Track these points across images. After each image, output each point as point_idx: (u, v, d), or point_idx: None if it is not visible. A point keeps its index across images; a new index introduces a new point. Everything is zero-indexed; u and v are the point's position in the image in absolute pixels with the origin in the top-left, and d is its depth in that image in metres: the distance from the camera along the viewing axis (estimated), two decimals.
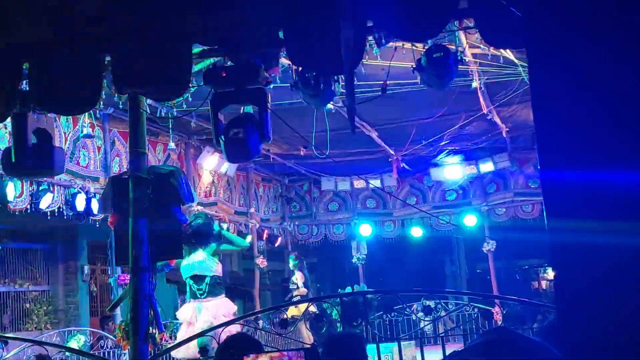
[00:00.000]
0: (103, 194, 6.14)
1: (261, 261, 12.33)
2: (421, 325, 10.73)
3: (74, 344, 8.94)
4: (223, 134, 4.78)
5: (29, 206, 7.59)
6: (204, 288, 7.49)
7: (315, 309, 10.09)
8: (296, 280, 11.53)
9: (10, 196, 7.22)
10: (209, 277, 7.55)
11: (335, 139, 8.11)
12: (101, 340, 9.25)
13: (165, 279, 14.25)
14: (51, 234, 12.63)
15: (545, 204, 1.98)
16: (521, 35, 2.77)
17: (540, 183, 2.03)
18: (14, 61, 4.45)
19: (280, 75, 5.22)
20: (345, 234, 14.38)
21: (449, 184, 13.60)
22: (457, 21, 4.50)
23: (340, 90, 5.04)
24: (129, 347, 4.92)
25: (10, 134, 6.96)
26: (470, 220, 13.41)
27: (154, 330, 4.89)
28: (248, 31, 4.37)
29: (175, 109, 7.46)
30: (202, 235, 7.56)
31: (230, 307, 7.62)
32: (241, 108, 5.14)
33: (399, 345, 6.50)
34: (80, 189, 8.04)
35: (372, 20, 4.25)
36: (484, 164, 12.70)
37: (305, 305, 8.61)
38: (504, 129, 10.45)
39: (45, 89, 4.51)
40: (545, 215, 1.94)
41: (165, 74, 4.35)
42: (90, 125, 8.02)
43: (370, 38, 4.45)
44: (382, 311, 10.15)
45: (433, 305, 7.11)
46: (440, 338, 6.95)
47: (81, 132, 8.00)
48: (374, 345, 6.13)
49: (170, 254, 5.32)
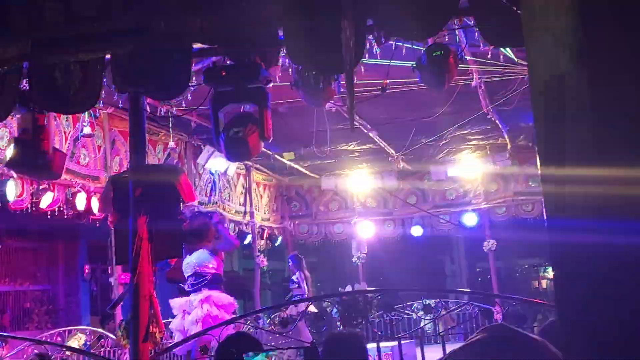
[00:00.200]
0: (103, 193, 6.12)
1: (261, 260, 12.33)
2: (421, 324, 10.75)
3: (74, 343, 8.94)
4: (223, 133, 4.78)
5: (29, 205, 7.59)
6: (201, 282, 7.47)
7: (314, 308, 10.09)
8: (295, 280, 11.52)
9: (10, 195, 7.21)
10: (210, 275, 7.53)
11: (335, 138, 8.11)
12: (101, 340, 9.23)
13: (165, 278, 14.25)
14: (51, 234, 12.62)
15: (545, 203, 1.98)
16: (521, 34, 2.77)
17: (541, 182, 2.03)
18: (14, 60, 4.45)
19: (280, 74, 5.22)
20: (345, 233, 14.37)
21: (449, 183, 13.60)
22: (457, 20, 4.49)
23: (340, 89, 5.04)
24: (129, 346, 4.92)
25: (10, 134, 6.98)
26: (470, 219, 13.41)
27: (154, 330, 4.89)
28: (248, 30, 4.37)
29: (175, 108, 7.45)
30: (202, 234, 7.56)
31: (226, 299, 7.53)
32: (241, 107, 5.14)
33: (399, 344, 6.49)
34: (80, 188, 8.03)
35: (372, 18, 4.25)
36: (484, 163, 12.69)
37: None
38: (504, 127, 10.45)
39: (45, 88, 4.51)
40: (546, 214, 1.94)
41: (165, 72, 4.35)
42: (90, 124, 8.01)
43: (370, 37, 4.45)
44: (383, 310, 10.15)
45: (433, 304, 7.11)
46: (440, 337, 6.95)
47: (81, 131, 7.99)
48: (375, 344, 6.14)
49: (171, 253, 5.32)
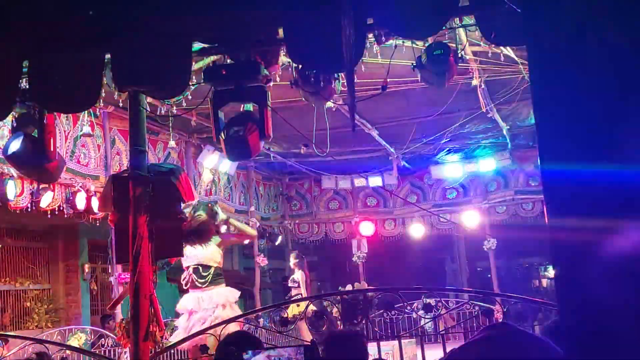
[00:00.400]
0: (103, 193, 6.12)
1: (261, 259, 12.32)
2: (422, 323, 10.73)
3: (74, 343, 8.94)
4: (223, 132, 4.78)
5: (29, 205, 7.59)
6: (207, 278, 7.45)
7: (314, 307, 10.07)
8: (297, 279, 11.52)
9: (10, 195, 7.21)
10: (214, 268, 7.52)
11: (335, 137, 8.10)
12: (102, 339, 9.24)
13: (165, 277, 14.24)
14: (51, 233, 12.62)
15: (546, 202, 1.97)
16: (522, 33, 2.76)
17: (541, 181, 2.02)
18: (14, 59, 4.44)
19: (280, 73, 5.22)
20: (345, 233, 14.37)
21: (449, 182, 13.59)
22: (458, 18, 4.49)
23: (340, 88, 5.03)
24: (129, 346, 4.92)
25: (10, 133, 6.98)
26: (470, 218, 13.40)
27: (154, 329, 4.88)
28: (248, 29, 4.36)
29: (175, 107, 7.45)
30: (202, 233, 7.54)
31: (232, 294, 7.53)
32: (241, 106, 5.14)
33: (400, 343, 6.49)
34: (80, 187, 8.03)
35: (373, 17, 4.24)
36: (485, 162, 12.69)
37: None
38: (504, 127, 10.44)
39: (45, 87, 4.51)
40: (546, 213, 1.94)
41: (165, 72, 4.34)
42: (90, 123, 8.00)
43: (370, 35, 4.44)
44: (383, 309, 10.13)
45: (434, 303, 7.11)
46: (440, 336, 6.94)
47: (80, 131, 7.99)
48: (375, 344, 6.14)
49: (171, 252, 5.32)
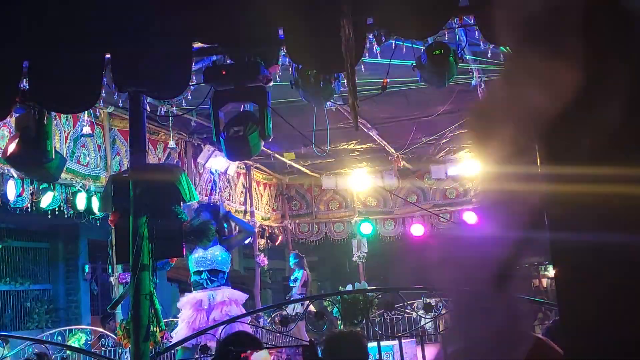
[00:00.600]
0: (104, 193, 6.13)
1: (262, 259, 12.32)
2: (422, 323, 10.73)
3: (74, 343, 8.94)
4: (223, 132, 4.78)
5: (29, 205, 7.59)
6: (219, 281, 7.30)
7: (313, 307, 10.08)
8: (299, 278, 11.51)
9: (10, 195, 7.21)
10: (226, 273, 7.38)
11: (335, 137, 8.11)
12: (102, 339, 9.24)
13: (165, 278, 14.23)
14: (52, 233, 12.63)
15: (546, 202, 1.98)
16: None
17: (541, 180, 2.02)
18: (14, 60, 4.45)
19: (280, 73, 5.22)
20: (345, 232, 14.36)
21: (449, 182, 13.60)
22: (458, 18, 4.49)
23: (340, 88, 5.04)
24: (130, 346, 4.92)
25: (10, 133, 6.98)
26: (470, 218, 13.40)
27: (154, 329, 4.89)
28: (248, 29, 4.37)
29: (175, 107, 7.45)
30: (202, 233, 7.54)
31: (240, 296, 7.40)
32: (241, 106, 5.14)
33: (400, 343, 6.50)
34: (80, 187, 8.03)
35: (372, 17, 4.25)
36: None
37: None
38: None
39: (46, 88, 4.52)
40: (547, 213, 1.94)
41: (166, 72, 4.35)
42: (90, 123, 8.00)
43: (370, 36, 4.45)
44: (383, 309, 10.14)
45: (434, 303, 7.11)
46: (441, 336, 6.95)
47: (80, 131, 7.99)
48: (375, 343, 6.14)
49: (171, 252, 5.32)
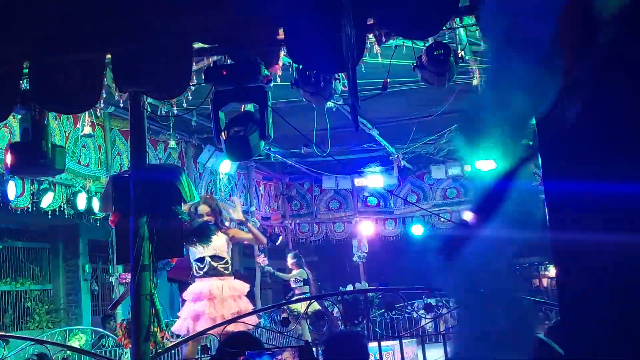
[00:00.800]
0: (104, 193, 6.12)
1: (262, 259, 12.31)
2: (422, 323, 10.73)
3: (75, 343, 8.94)
4: (224, 132, 4.78)
5: (30, 205, 7.59)
6: (228, 267, 7.09)
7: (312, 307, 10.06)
8: (300, 277, 11.49)
9: (11, 195, 7.22)
10: (226, 259, 7.20)
11: (335, 137, 8.11)
12: (102, 339, 9.24)
13: (166, 278, 14.21)
14: (52, 233, 12.62)
15: (547, 202, 1.98)
16: None
17: (542, 180, 2.03)
18: (15, 60, 4.45)
19: (281, 73, 5.22)
20: (346, 232, 14.37)
21: (449, 182, 13.60)
22: (458, 18, 4.49)
23: (341, 88, 5.03)
24: (130, 346, 4.93)
25: (10, 133, 6.98)
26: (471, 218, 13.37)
27: (155, 329, 4.89)
28: (248, 29, 4.37)
29: (175, 108, 7.44)
30: (203, 233, 7.52)
31: (244, 286, 7.22)
32: (242, 106, 5.14)
33: (401, 343, 6.49)
34: (81, 187, 8.04)
35: (373, 18, 4.24)
36: (485, 161, 12.64)
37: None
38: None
39: (46, 88, 4.51)
40: (547, 212, 1.94)
41: (166, 72, 4.36)
42: (90, 124, 8.01)
43: (370, 36, 4.44)
44: (384, 309, 10.15)
45: (434, 303, 7.11)
46: (441, 336, 6.95)
47: (81, 131, 7.99)
48: (376, 343, 6.14)
49: (171, 252, 5.32)
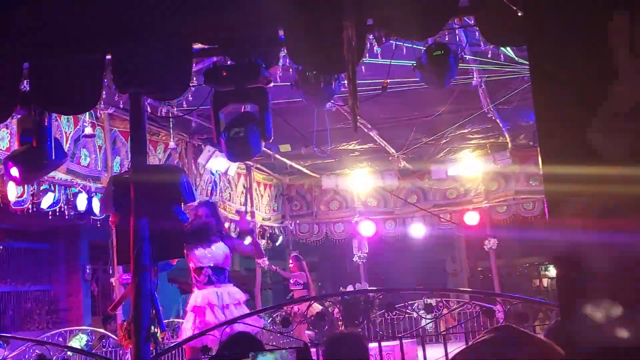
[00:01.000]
0: (104, 194, 6.13)
1: (262, 261, 12.31)
2: (423, 324, 10.74)
3: (75, 344, 8.95)
4: (224, 133, 4.78)
5: (30, 206, 7.59)
6: (222, 279, 7.15)
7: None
8: (301, 281, 11.51)
9: (11, 196, 7.22)
10: (227, 270, 7.25)
11: (336, 138, 8.12)
12: (103, 340, 9.25)
13: (166, 279, 14.23)
14: (52, 234, 12.64)
15: (547, 202, 1.98)
16: (522, 33, 2.77)
17: (543, 181, 2.03)
18: (14, 61, 4.45)
19: (281, 74, 5.22)
20: (346, 233, 14.37)
21: (449, 182, 13.61)
22: (458, 19, 4.49)
23: (341, 89, 5.04)
24: (130, 347, 4.93)
25: (10, 135, 6.98)
26: (471, 218, 13.40)
27: (155, 330, 4.89)
28: (248, 30, 4.37)
29: (176, 108, 7.45)
30: (203, 234, 7.53)
31: (241, 295, 7.25)
32: (242, 107, 5.14)
33: (401, 343, 6.49)
34: (81, 188, 8.04)
35: (373, 18, 4.25)
36: (485, 161, 12.68)
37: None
38: (505, 126, 10.45)
39: (46, 89, 4.52)
40: (547, 213, 1.94)
41: (166, 73, 4.35)
42: (91, 124, 8.01)
43: (370, 36, 4.45)
44: (384, 309, 10.15)
45: (434, 304, 7.11)
46: (441, 336, 6.95)
47: (82, 132, 7.99)
48: (376, 344, 6.15)
49: (172, 253, 5.32)
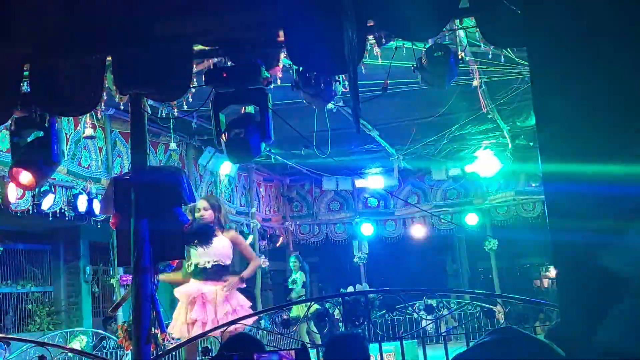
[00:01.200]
0: (105, 195, 6.11)
1: (263, 261, 12.32)
2: (423, 324, 10.74)
3: (76, 345, 8.95)
4: (224, 134, 4.78)
5: (30, 207, 7.60)
6: (221, 274, 7.01)
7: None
8: (301, 281, 11.52)
9: (12, 197, 7.22)
10: (228, 266, 7.14)
11: (336, 138, 8.12)
12: (103, 341, 9.26)
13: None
14: (53, 235, 12.63)
15: (547, 203, 1.98)
16: (522, 34, 2.77)
17: (542, 181, 2.03)
18: (15, 63, 4.46)
19: (281, 75, 5.22)
20: (346, 234, 14.38)
21: (450, 183, 13.61)
22: (458, 20, 4.50)
23: (342, 90, 5.04)
24: (131, 348, 4.93)
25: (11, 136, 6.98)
26: (471, 219, 13.40)
27: (156, 331, 4.89)
28: (249, 31, 4.38)
29: (176, 110, 7.44)
30: (204, 235, 7.51)
31: (244, 300, 7.17)
32: (242, 108, 5.14)
33: (401, 344, 6.49)
34: (82, 189, 8.04)
35: (373, 19, 4.25)
36: (485, 162, 12.67)
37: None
38: (505, 127, 10.45)
39: (47, 91, 4.52)
40: (547, 213, 1.95)
41: (166, 74, 4.36)
42: (91, 126, 8.02)
43: (370, 37, 4.45)
44: (384, 310, 10.15)
45: (435, 304, 7.10)
46: (442, 337, 6.95)
47: (82, 133, 8.00)
48: (377, 345, 6.14)
49: (172, 254, 5.31)
